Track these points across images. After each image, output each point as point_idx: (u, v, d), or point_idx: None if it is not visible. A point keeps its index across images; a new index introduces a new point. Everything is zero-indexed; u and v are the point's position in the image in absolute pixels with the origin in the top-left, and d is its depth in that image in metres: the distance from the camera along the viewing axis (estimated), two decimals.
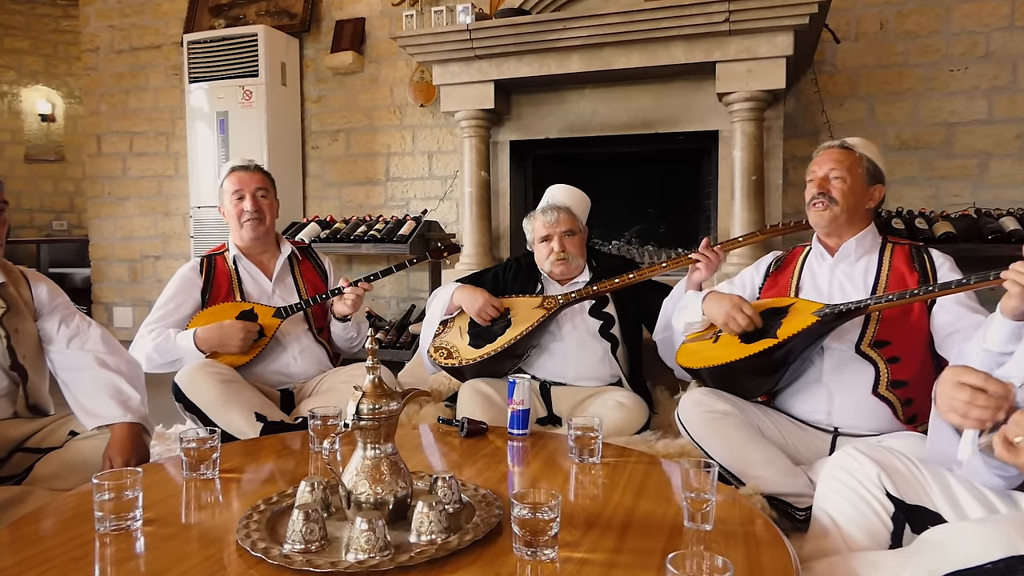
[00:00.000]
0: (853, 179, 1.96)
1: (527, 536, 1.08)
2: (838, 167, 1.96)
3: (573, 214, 2.45)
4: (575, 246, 2.43)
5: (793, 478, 1.78)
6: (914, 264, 1.93)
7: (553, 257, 2.41)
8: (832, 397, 1.91)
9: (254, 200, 2.42)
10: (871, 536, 1.33)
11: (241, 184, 2.43)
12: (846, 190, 1.96)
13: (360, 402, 1.20)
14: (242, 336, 2.27)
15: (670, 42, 3.10)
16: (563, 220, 2.42)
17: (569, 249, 2.41)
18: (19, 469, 1.84)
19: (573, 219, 2.44)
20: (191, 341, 2.24)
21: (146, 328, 2.32)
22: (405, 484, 1.23)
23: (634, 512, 1.28)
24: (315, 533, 1.11)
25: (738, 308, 1.93)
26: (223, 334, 2.25)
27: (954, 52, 3.71)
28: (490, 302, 2.40)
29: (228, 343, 2.26)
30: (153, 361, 2.28)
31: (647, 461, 1.59)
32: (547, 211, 2.44)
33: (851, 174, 1.96)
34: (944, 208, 3.59)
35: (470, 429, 1.80)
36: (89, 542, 1.15)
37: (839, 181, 1.96)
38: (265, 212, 2.45)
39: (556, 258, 2.41)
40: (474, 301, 2.40)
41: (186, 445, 1.45)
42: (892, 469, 1.39)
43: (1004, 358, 1.52)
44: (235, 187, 2.43)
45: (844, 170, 1.96)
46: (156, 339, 2.27)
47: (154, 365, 2.29)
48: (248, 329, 2.29)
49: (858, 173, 1.97)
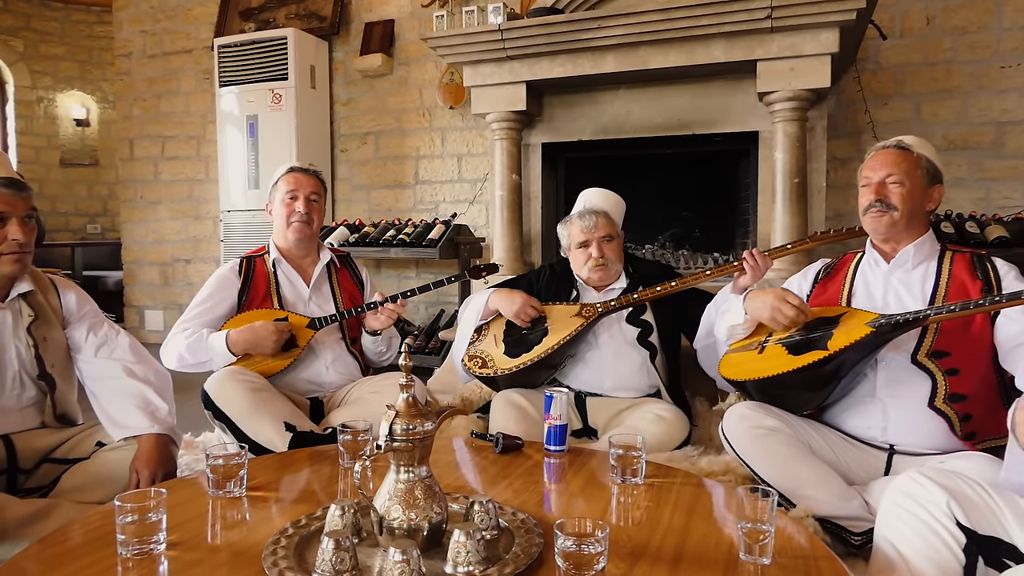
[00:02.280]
0: (912, 183, 1.85)
1: (571, 570, 1.01)
2: (896, 170, 1.85)
3: (611, 218, 2.36)
4: (614, 251, 2.35)
5: (847, 500, 1.68)
6: (976, 272, 1.81)
7: (592, 263, 2.33)
8: (887, 412, 1.80)
9: (306, 203, 2.39)
10: (941, 570, 1.23)
11: (297, 185, 2.39)
12: (905, 195, 1.84)
13: (393, 423, 1.14)
14: (275, 338, 2.22)
15: (710, 40, 3.00)
16: (601, 225, 2.33)
17: (608, 255, 2.32)
18: (46, 480, 1.80)
19: (611, 223, 2.36)
20: (223, 342, 2.19)
21: (180, 326, 2.28)
22: (440, 509, 1.16)
23: (685, 541, 1.19)
24: (345, 563, 1.04)
25: (782, 298, 1.84)
26: (255, 336, 2.20)
27: (1005, 48, 3.56)
28: (529, 302, 2.32)
29: (261, 344, 2.21)
30: (184, 360, 2.23)
31: (694, 483, 1.50)
32: (584, 215, 2.35)
33: (910, 178, 1.85)
34: (995, 211, 3.43)
35: (505, 445, 1.72)
36: (111, 567, 1.09)
37: (897, 186, 1.84)
38: (314, 217, 2.42)
39: (595, 264, 2.32)
40: (512, 303, 2.33)
41: (212, 462, 1.39)
42: (962, 496, 1.29)
43: None
44: (290, 187, 2.39)
45: (903, 174, 1.85)
46: (189, 338, 2.23)
47: (184, 364, 2.24)
48: (280, 330, 2.24)
49: (917, 176, 1.85)
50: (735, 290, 2.15)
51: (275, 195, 2.43)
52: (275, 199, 2.43)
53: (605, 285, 2.38)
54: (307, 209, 2.39)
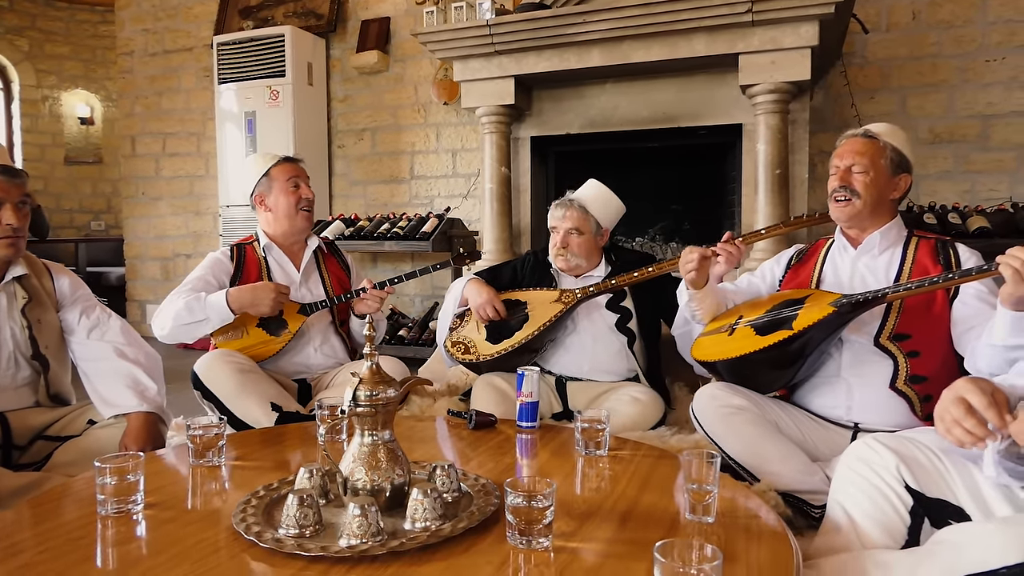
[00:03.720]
0: (876, 171, 1.89)
1: (521, 524, 1.06)
2: (860, 159, 1.90)
3: (587, 213, 2.39)
4: (579, 246, 2.38)
5: (809, 475, 1.73)
6: (939, 258, 1.86)
7: (553, 251, 2.41)
8: (851, 392, 1.85)
9: (309, 189, 2.47)
10: (887, 531, 1.28)
11: (297, 173, 2.46)
12: (869, 183, 1.89)
13: (357, 389, 1.20)
14: (274, 296, 2.24)
15: (691, 34, 3.06)
16: (570, 217, 2.38)
17: (571, 247, 2.38)
18: (39, 456, 1.88)
19: (584, 218, 2.38)
20: (223, 298, 2.21)
21: (175, 294, 2.29)
22: (403, 472, 1.22)
23: (636, 504, 1.25)
24: (309, 518, 1.11)
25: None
26: (256, 294, 2.23)
27: (990, 42, 3.60)
28: (491, 301, 2.38)
29: (260, 302, 2.23)
30: (180, 319, 2.21)
31: (656, 455, 1.56)
32: (561, 204, 2.41)
33: (874, 166, 1.89)
34: (979, 203, 3.47)
35: (478, 421, 1.79)
36: (90, 524, 1.16)
37: (862, 174, 1.89)
38: (313, 200, 2.51)
39: (555, 252, 2.40)
40: (477, 296, 2.40)
41: (192, 432, 1.46)
42: (912, 460, 1.34)
43: (1012, 353, 1.46)
44: (290, 175, 2.44)
45: (867, 161, 1.89)
46: (187, 297, 2.24)
47: (180, 323, 2.22)
48: (280, 291, 2.27)
49: (881, 165, 1.90)
50: (711, 279, 2.19)
51: (272, 186, 2.45)
52: (273, 189, 2.45)
53: (580, 273, 2.44)
54: (311, 195, 2.47)
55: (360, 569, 1.00)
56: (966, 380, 1.17)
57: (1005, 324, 1.47)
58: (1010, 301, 1.44)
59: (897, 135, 1.95)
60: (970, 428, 1.11)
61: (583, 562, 1.03)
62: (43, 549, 1.07)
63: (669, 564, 0.83)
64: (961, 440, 1.12)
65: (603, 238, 2.46)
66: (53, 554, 1.06)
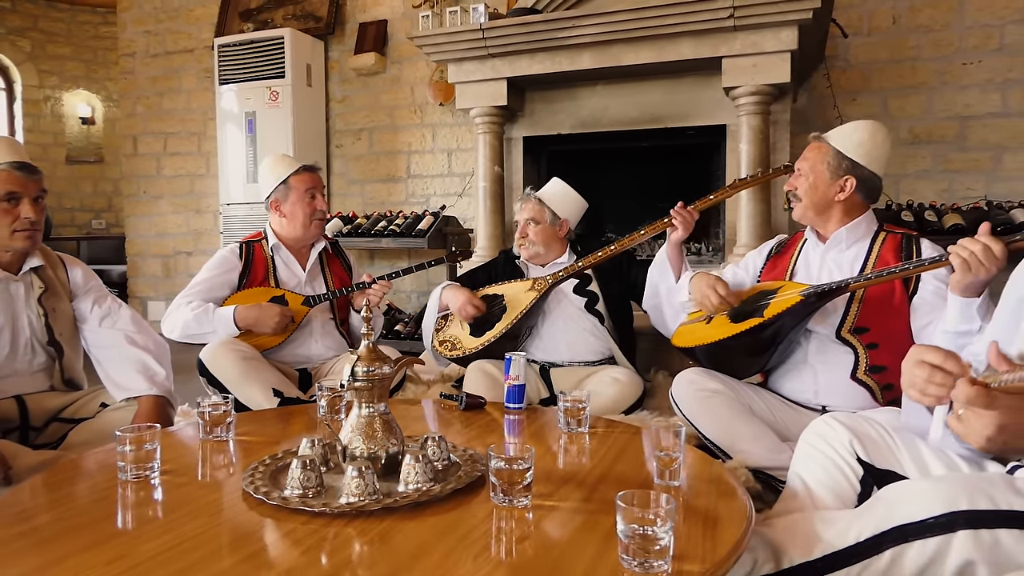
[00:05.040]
0: (816, 175, 2.00)
1: (504, 485, 1.18)
2: (803, 164, 2.02)
3: (543, 205, 2.62)
4: (536, 234, 2.61)
5: (778, 453, 1.85)
6: (901, 253, 1.98)
7: (516, 240, 2.66)
8: (817, 378, 1.98)
9: (322, 200, 2.60)
10: (838, 497, 1.40)
11: (315, 183, 2.59)
12: (808, 187, 2.01)
13: (355, 364, 1.32)
14: (277, 319, 2.41)
15: (678, 38, 3.18)
16: (527, 208, 2.63)
17: (530, 236, 2.61)
18: (54, 437, 1.99)
19: (540, 209, 2.62)
20: (230, 316, 2.37)
21: (183, 299, 2.44)
22: (397, 442, 1.34)
23: (610, 471, 1.37)
24: (311, 480, 1.22)
25: (712, 288, 2.03)
26: (260, 315, 2.39)
27: (967, 45, 3.72)
28: (471, 300, 2.54)
29: (264, 323, 2.39)
30: (188, 328, 2.38)
31: (632, 432, 1.68)
32: (521, 199, 2.68)
33: (813, 170, 2.00)
34: (956, 201, 3.60)
35: (468, 403, 1.91)
36: (111, 487, 1.28)
37: (802, 178, 2.02)
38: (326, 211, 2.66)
39: (517, 244, 2.65)
40: (455, 299, 2.57)
41: (202, 409, 1.57)
42: (865, 435, 1.46)
43: (962, 339, 1.58)
44: (308, 186, 2.56)
45: (807, 166, 2.01)
46: (195, 310, 2.39)
47: (188, 333, 2.40)
48: (284, 314, 2.43)
49: (820, 169, 1.99)
50: (670, 247, 2.33)
51: (289, 194, 2.55)
52: (289, 198, 2.55)
53: (544, 262, 2.64)
54: (325, 207, 2.61)
55: (357, 523, 1.12)
56: (915, 348, 1.26)
57: (955, 311, 1.59)
58: (958, 288, 1.56)
59: (849, 138, 2.00)
60: (940, 382, 1.15)
61: (557, 517, 1.14)
62: (73, 507, 1.19)
63: (628, 508, 0.95)
64: (939, 396, 1.17)
65: (562, 229, 2.65)
66: (82, 510, 1.18)
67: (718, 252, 3.65)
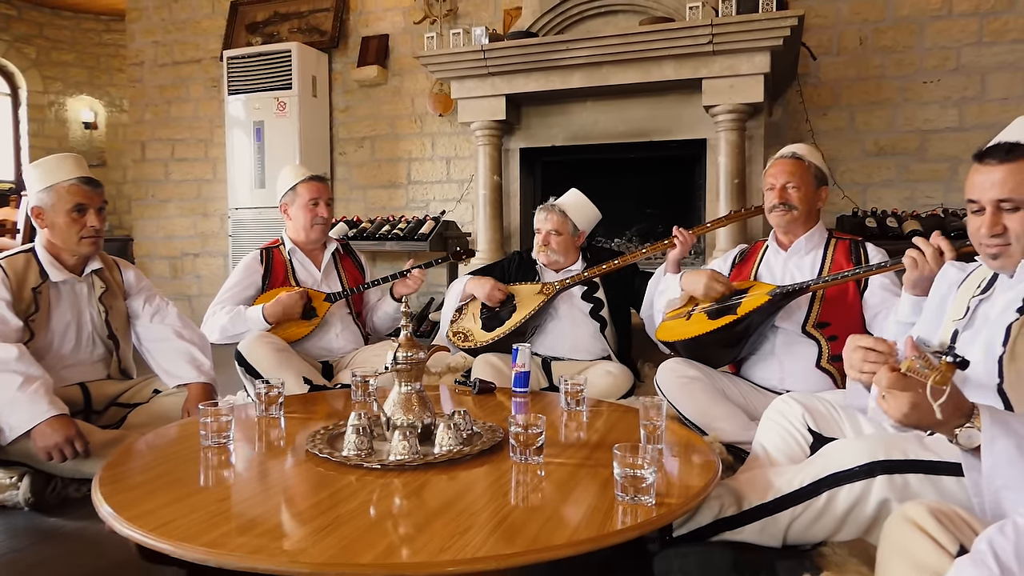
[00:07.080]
0: (806, 187, 2.33)
1: (520, 446, 1.47)
2: (792, 178, 2.33)
3: (566, 217, 2.85)
4: (558, 244, 2.84)
5: (748, 430, 2.15)
6: (851, 257, 2.30)
7: (536, 248, 2.88)
8: (783, 367, 2.29)
9: (326, 208, 2.86)
10: (791, 459, 1.70)
11: (319, 193, 2.87)
12: (802, 197, 2.33)
13: (397, 351, 1.60)
14: (297, 299, 2.71)
15: (662, 61, 3.49)
16: (551, 220, 2.84)
17: (552, 245, 2.84)
18: (113, 420, 2.27)
19: (563, 221, 2.84)
20: (259, 314, 2.67)
21: (217, 306, 2.75)
22: (431, 414, 1.62)
23: (605, 438, 1.67)
24: (364, 444, 1.50)
25: (714, 278, 2.34)
26: (283, 305, 2.67)
27: (927, 65, 4.05)
28: (496, 286, 2.82)
29: (291, 309, 2.69)
30: (226, 331, 2.69)
31: (623, 410, 1.98)
32: (544, 208, 2.88)
33: (804, 183, 2.33)
34: (917, 208, 3.93)
35: (481, 388, 2.19)
36: (197, 450, 1.56)
37: (795, 190, 2.33)
38: (329, 218, 2.92)
39: (538, 250, 2.88)
40: (482, 287, 2.83)
41: (258, 390, 1.86)
42: (815, 410, 1.77)
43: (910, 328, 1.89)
44: (312, 195, 2.85)
45: (798, 179, 2.33)
46: (229, 314, 2.70)
47: (226, 335, 2.69)
48: (300, 294, 2.73)
49: (809, 180, 2.33)
50: (669, 265, 2.63)
51: (295, 200, 2.86)
52: (295, 203, 2.86)
53: (560, 268, 2.88)
54: (327, 214, 2.87)
55: (404, 475, 1.40)
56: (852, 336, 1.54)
57: (907, 306, 1.87)
58: (908, 285, 1.84)
59: (815, 154, 2.39)
60: (873, 360, 1.35)
61: (565, 470, 1.44)
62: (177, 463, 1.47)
63: (623, 456, 1.25)
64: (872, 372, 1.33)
65: (580, 238, 2.91)
66: (178, 466, 1.46)
67: (699, 255, 3.96)
